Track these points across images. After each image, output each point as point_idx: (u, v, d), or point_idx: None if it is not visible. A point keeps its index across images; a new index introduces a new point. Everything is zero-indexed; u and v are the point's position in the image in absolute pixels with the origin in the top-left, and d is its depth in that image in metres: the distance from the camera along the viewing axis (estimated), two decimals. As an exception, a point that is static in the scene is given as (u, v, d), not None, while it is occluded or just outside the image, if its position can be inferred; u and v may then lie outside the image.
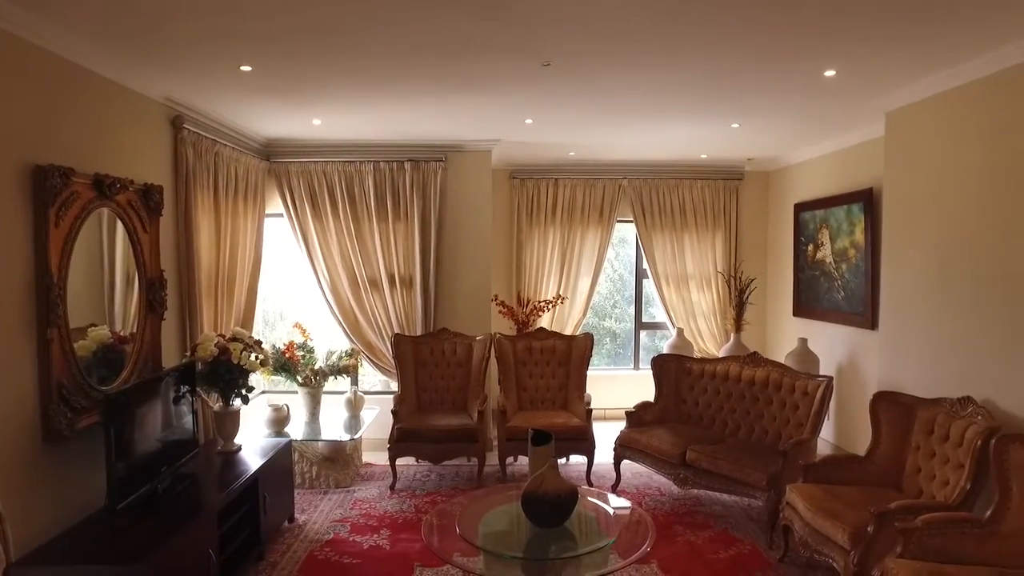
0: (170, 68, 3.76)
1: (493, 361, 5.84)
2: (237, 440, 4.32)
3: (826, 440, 5.85)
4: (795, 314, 6.54)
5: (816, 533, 3.52)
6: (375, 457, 5.87)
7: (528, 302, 6.94)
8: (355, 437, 5.32)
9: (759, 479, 4.17)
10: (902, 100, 4.34)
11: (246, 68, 3.75)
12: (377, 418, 5.71)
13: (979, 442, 3.28)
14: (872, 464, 3.90)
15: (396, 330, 6.04)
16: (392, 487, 5.24)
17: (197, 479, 3.74)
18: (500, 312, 6.70)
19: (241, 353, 4.15)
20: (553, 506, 2.99)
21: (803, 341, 5.92)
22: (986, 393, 3.59)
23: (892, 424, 3.91)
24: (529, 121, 5.21)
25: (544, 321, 6.91)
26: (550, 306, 6.93)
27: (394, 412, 5.31)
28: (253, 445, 4.41)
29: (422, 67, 3.81)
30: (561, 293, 7.08)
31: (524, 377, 5.87)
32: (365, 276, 6.10)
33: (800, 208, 6.47)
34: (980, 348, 3.71)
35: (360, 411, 5.68)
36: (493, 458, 5.49)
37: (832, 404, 5.68)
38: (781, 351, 6.52)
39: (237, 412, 4.30)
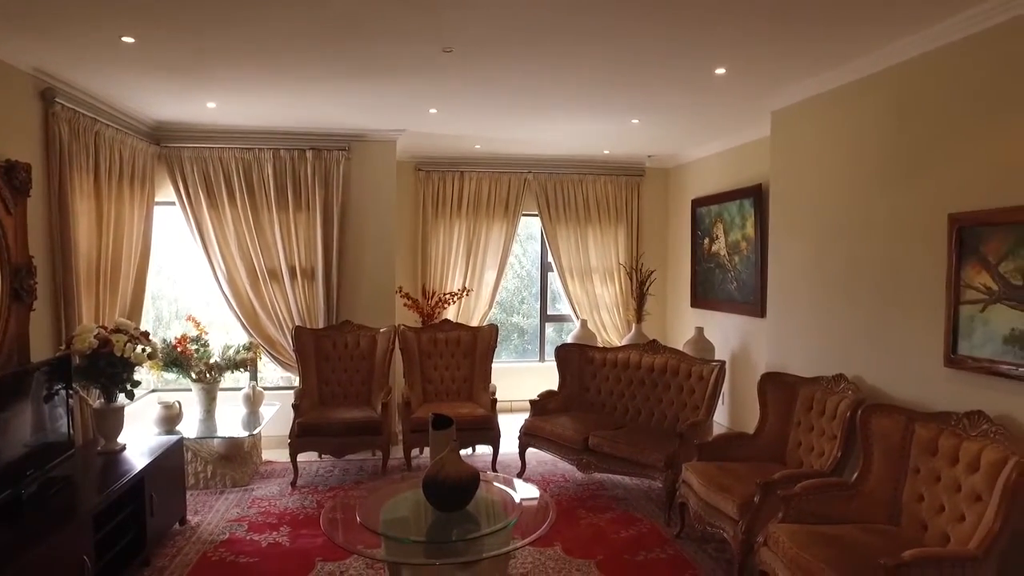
0: (42, 36, 3.47)
1: (398, 353, 5.77)
2: (121, 439, 4.05)
3: (721, 424, 6.14)
4: (693, 305, 6.84)
5: (709, 507, 3.70)
6: (276, 454, 5.67)
7: (433, 294, 6.89)
8: (253, 433, 5.11)
9: (657, 460, 4.33)
10: (785, 100, 4.63)
11: (128, 39, 3.51)
12: (278, 414, 5.51)
13: (848, 414, 3.56)
14: (760, 440, 4.14)
15: (297, 323, 5.85)
16: (293, 483, 5.08)
17: (72, 482, 3.46)
18: (405, 305, 6.62)
19: (125, 345, 3.90)
20: (454, 490, 2.98)
21: (699, 330, 6.19)
22: (856, 370, 3.89)
23: (777, 403, 4.15)
24: (434, 111, 5.18)
25: (450, 313, 6.88)
26: (456, 298, 6.92)
27: (295, 406, 5.14)
28: (140, 444, 4.14)
29: (319, 48, 3.71)
30: (467, 286, 7.09)
31: (429, 369, 5.83)
32: (264, 268, 5.88)
33: (697, 203, 6.76)
34: (850, 330, 4.01)
35: (260, 407, 5.46)
36: (399, 452, 5.42)
37: (726, 389, 5.99)
38: (680, 340, 6.80)
39: (120, 409, 4.03)
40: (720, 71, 4.10)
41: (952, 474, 2.95)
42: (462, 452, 4.38)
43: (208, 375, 5.21)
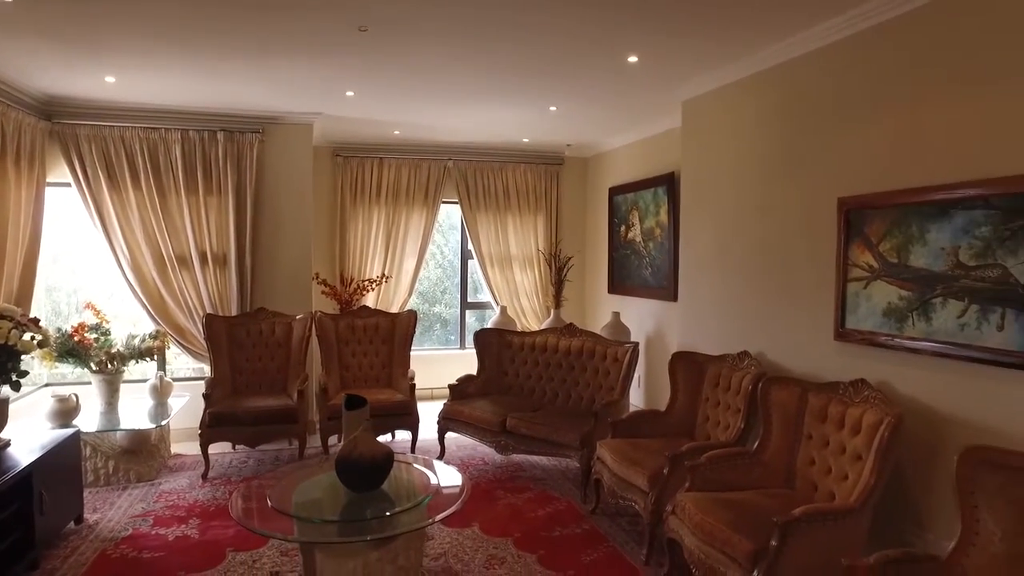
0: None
1: (315, 341, 5.66)
2: (5, 434, 3.78)
3: (637, 405, 6.32)
4: (610, 291, 7.02)
5: (622, 481, 3.82)
6: (187, 447, 5.45)
7: (352, 282, 6.79)
8: (160, 425, 4.90)
9: (573, 439, 4.43)
10: (695, 91, 4.81)
11: None
12: (189, 405, 5.30)
13: (750, 388, 3.76)
14: (671, 417, 4.30)
15: (208, 310, 5.63)
16: (204, 475, 4.90)
17: (-55, 480, 3.22)
18: (323, 293, 6.49)
19: (9, 332, 3.65)
20: (368, 469, 2.96)
21: (616, 315, 6.36)
22: (759, 347, 4.11)
23: (687, 380, 4.33)
24: (350, 94, 5.09)
25: (369, 301, 6.80)
26: (374, 285, 6.84)
27: (206, 396, 4.96)
28: (29, 439, 3.88)
29: (227, 21, 3.58)
30: (386, 273, 7.02)
31: (347, 356, 5.75)
32: (173, 253, 5.63)
33: (614, 192, 6.94)
34: (754, 309, 4.23)
35: (168, 398, 5.24)
36: (317, 441, 5.32)
37: (642, 371, 6.20)
38: (598, 325, 6.95)
39: (4, 402, 3.77)
40: (632, 59, 4.21)
41: (838, 438, 3.17)
42: (381, 438, 4.36)
43: (109, 365, 4.95)
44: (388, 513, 2.91)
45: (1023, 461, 2.24)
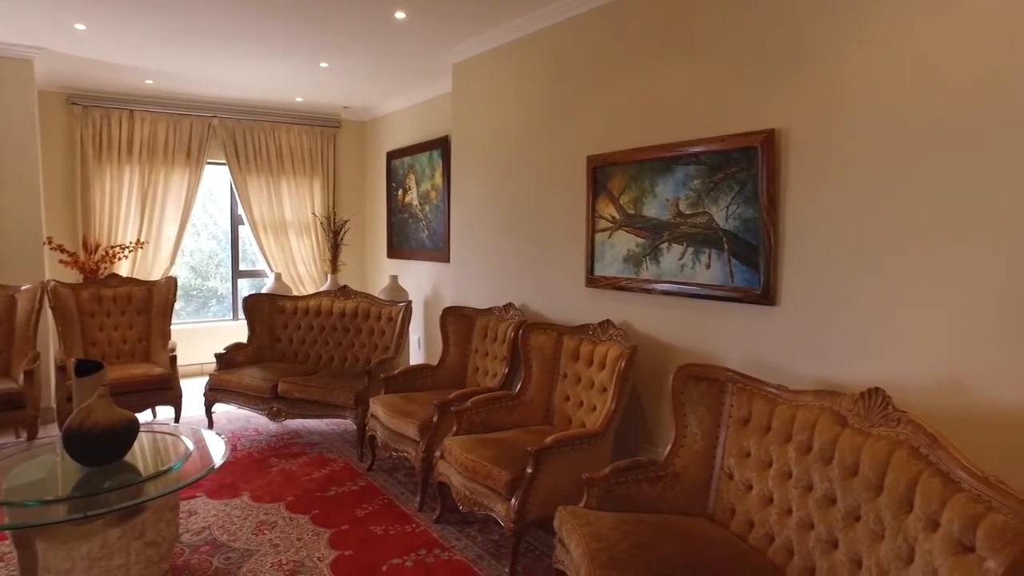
0: None
1: (49, 315, 4.94)
2: None
3: (418, 367, 6.43)
4: (389, 255, 7.00)
5: (394, 434, 3.87)
6: None
7: (98, 248, 6.01)
8: None
9: (347, 399, 4.39)
10: (464, 54, 4.92)
11: None
12: None
13: (511, 334, 4.00)
14: (443, 370, 4.43)
15: None
16: None
17: None
18: (61, 261, 5.67)
19: None
20: (104, 439, 2.66)
21: (394, 278, 6.37)
22: (523, 298, 4.38)
23: (457, 334, 4.48)
24: (81, 27, 4.45)
25: (123, 270, 6.08)
26: (128, 252, 6.13)
27: None
28: None
29: None
30: (142, 239, 6.32)
31: (93, 330, 5.10)
32: None
33: (392, 155, 6.89)
34: (518, 262, 4.49)
35: None
36: (55, 430, 4.67)
37: (422, 332, 6.29)
38: (376, 290, 6.93)
39: None
40: (400, 15, 4.19)
41: (588, 374, 3.50)
42: (140, 416, 3.94)
43: None
44: (128, 485, 2.64)
45: (719, 373, 2.66)
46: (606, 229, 3.70)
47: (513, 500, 2.92)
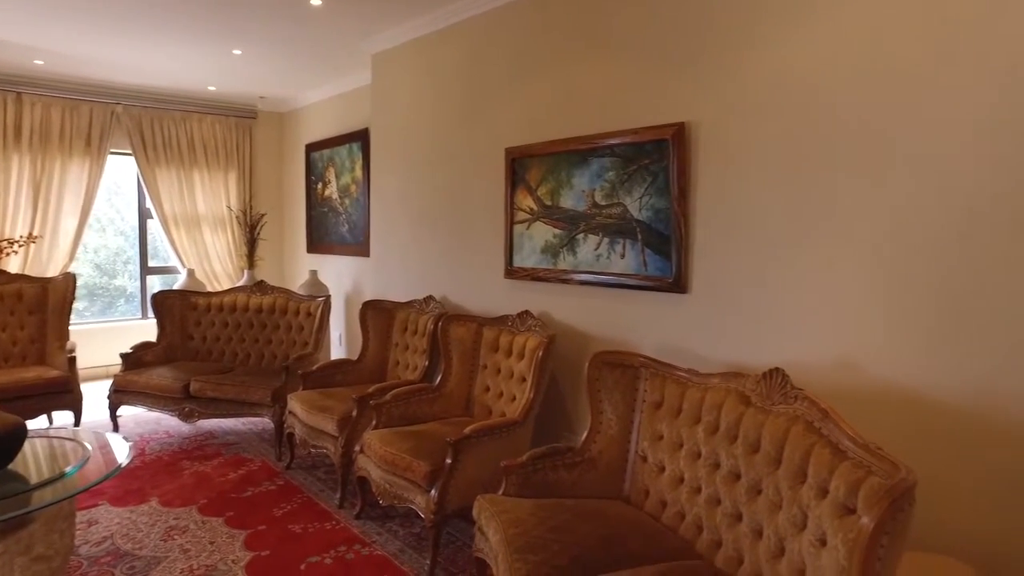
0: None
1: (-71, 314, 4.56)
2: None
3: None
4: (309, 250, 6.83)
5: (313, 430, 3.78)
6: None
7: (-17, 242, 5.61)
8: None
9: (264, 396, 4.26)
10: (384, 44, 4.85)
11: None
12: None
13: (431, 327, 3.98)
14: (363, 364, 4.36)
15: None
16: None
17: None
18: (-57, 257, 5.25)
19: None
20: (-11, 444, 2.48)
21: (313, 273, 6.22)
22: (444, 291, 4.36)
23: (377, 328, 4.42)
24: (-40, 3, 4.12)
25: (14, 266, 5.68)
26: (18, 247, 5.73)
27: None
28: None
29: None
30: (35, 233, 5.92)
31: (-21, 331, 4.74)
32: None
33: (311, 148, 6.72)
34: (438, 255, 4.47)
35: None
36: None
37: (344, 328, 6.17)
38: (296, 285, 6.74)
39: None
40: (316, 2, 4.08)
41: (508, 364, 3.52)
42: (33, 424, 3.70)
43: None
44: (14, 495, 2.47)
45: (633, 360, 2.73)
46: (524, 221, 3.73)
47: (433, 491, 2.91)
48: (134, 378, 4.56)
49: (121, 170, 6.82)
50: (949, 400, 2.22)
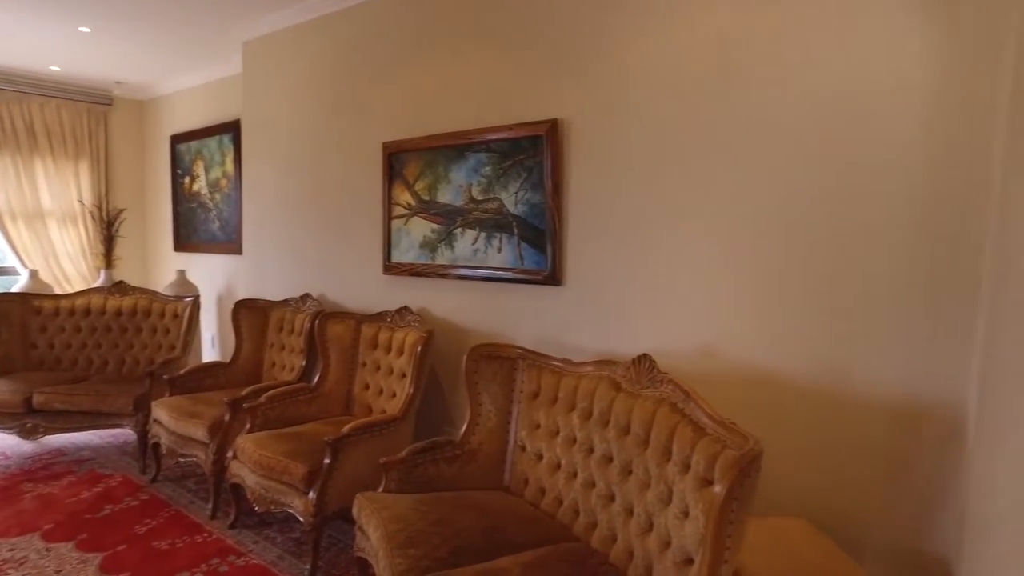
0: None
1: None
2: None
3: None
4: (177, 248, 6.40)
5: (181, 438, 3.56)
6: None
7: None
8: None
9: (125, 405, 3.96)
10: (256, 32, 4.62)
11: None
12: None
13: (308, 325, 3.86)
14: (236, 367, 4.15)
15: None
16: None
17: None
18: None
19: None
20: None
21: (181, 273, 5.84)
22: (322, 288, 4.24)
23: (251, 328, 4.22)
24: None
25: None
26: None
27: None
28: None
29: None
30: None
31: None
32: None
33: (176, 140, 6.30)
34: (315, 251, 4.33)
35: None
36: None
37: (216, 330, 5.85)
38: (162, 286, 6.30)
39: None
40: (173, -17, 3.83)
41: (387, 361, 3.48)
42: None
43: None
44: None
45: (510, 352, 2.78)
46: (402, 216, 3.69)
47: (311, 493, 2.83)
48: (-35, 393, 4.08)
49: (-52, 160, 6.07)
50: (796, 378, 2.43)
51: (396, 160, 3.70)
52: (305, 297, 4.11)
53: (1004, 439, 1.69)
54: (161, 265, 6.78)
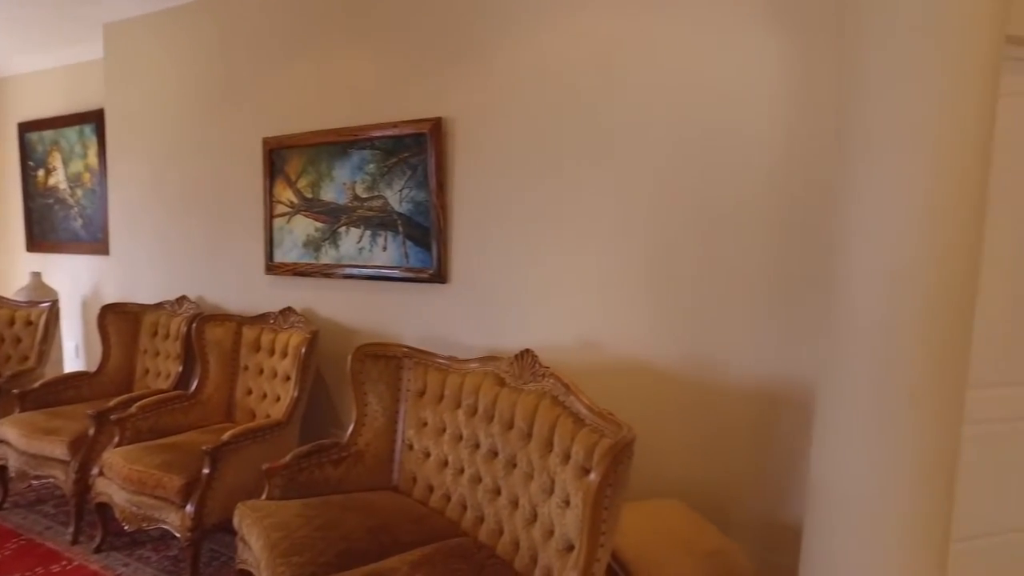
0: None
1: None
2: None
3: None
4: (30, 249, 5.85)
5: (34, 458, 3.27)
6: None
7: None
8: None
9: (-34, 426, 3.58)
10: (119, 14, 4.29)
11: None
12: None
13: (184, 329, 3.66)
14: (104, 376, 3.87)
15: None
16: None
17: None
18: None
19: None
20: None
21: (36, 275, 5.34)
22: (200, 290, 4.03)
23: (121, 334, 3.95)
24: None
25: None
26: None
27: None
28: None
29: None
30: None
31: None
32: None
33: (26, 128, 5.75)
34: (192, 251, 4.11)
35: None
36: None
37: (82, 337, 5.43)
38: (12, 290, 5.75)
39: None
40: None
41: (271, 364, 3.37)
42: None
43: None
44: None
45: (396, 350, 2.77)
46: (285, 214, 3.58)
47: (188, 506, 2.70)
48: None
49: None
50: (671, 367, 2.58)
51: (277, 156, 3.57)
52: (182, 299, 3.89)
53: (835, 413, 1.88)
54: (11, 266, 6.17)
